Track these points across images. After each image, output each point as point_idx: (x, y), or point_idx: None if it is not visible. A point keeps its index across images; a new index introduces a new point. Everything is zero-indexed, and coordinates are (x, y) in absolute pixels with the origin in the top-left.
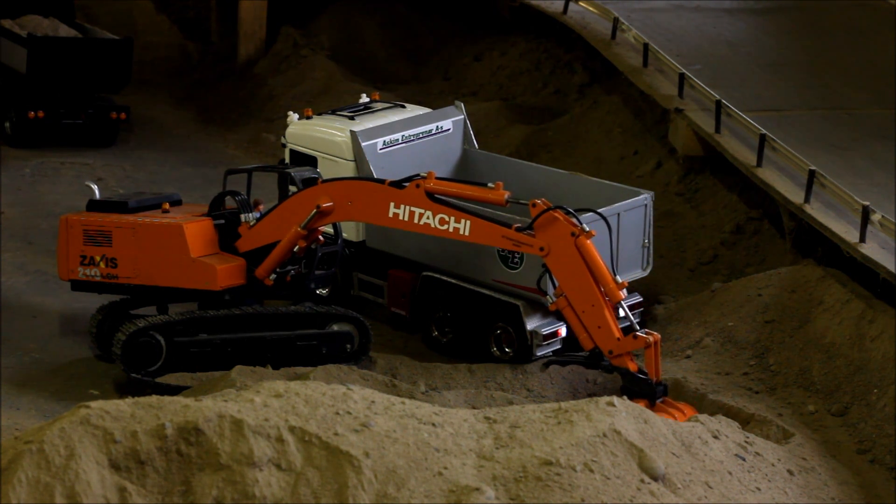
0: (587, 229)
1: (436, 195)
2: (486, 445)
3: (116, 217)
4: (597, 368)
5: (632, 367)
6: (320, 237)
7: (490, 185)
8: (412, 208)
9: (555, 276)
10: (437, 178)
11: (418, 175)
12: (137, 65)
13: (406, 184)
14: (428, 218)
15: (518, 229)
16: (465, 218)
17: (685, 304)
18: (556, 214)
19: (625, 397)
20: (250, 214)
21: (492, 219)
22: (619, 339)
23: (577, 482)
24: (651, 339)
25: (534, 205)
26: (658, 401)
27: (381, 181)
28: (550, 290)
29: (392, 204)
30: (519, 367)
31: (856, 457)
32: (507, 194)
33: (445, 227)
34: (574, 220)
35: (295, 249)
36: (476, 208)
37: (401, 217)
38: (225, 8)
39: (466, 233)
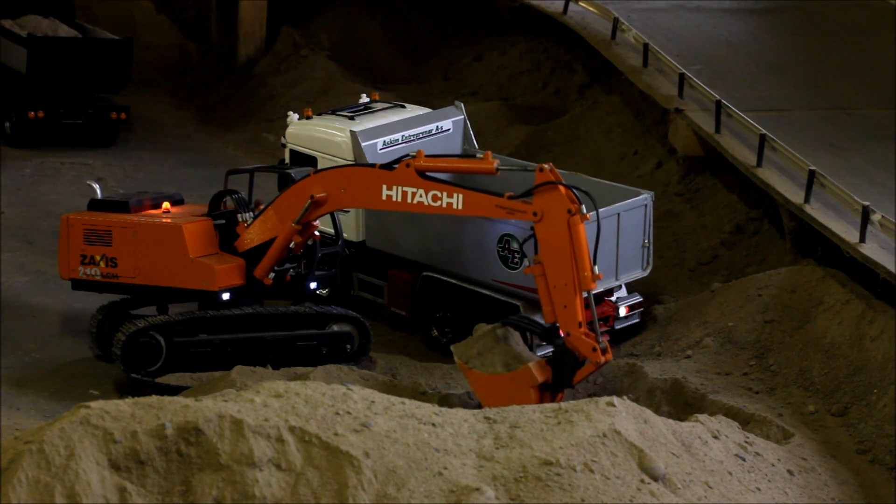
0: (585, 212)
1: (426, 172)
2: (486, 445)
3: (117, 216)
4: (549, 343)
5: (581, 354)
6: (316, 233)
7: (479, 154)
8: (404, 188)
9: (539, 245)
10: (427, 156)
11: (407, 155)
12: (137, 65)
13: (396, 165)
14: (421, 196)
15: (511, 197)
16: (457, 192)
17: (685, 304)
18: (560, 188)
19: (625, 397)
20: (248, 214)
21: (484, 190)
22: (580, 324)
23: (577, 482)
24: (602, 360)
25: (541, 169)
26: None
27: (372, 165)
28: (530, 255)
29: (384, 186)
30: None
31: (856, 457)
32: (496, 162)
33: (439, 203)
34: (575, 199)
35: (291, 246)
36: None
37: (394, 198)
38: (225, 8)
39: (460, 206)
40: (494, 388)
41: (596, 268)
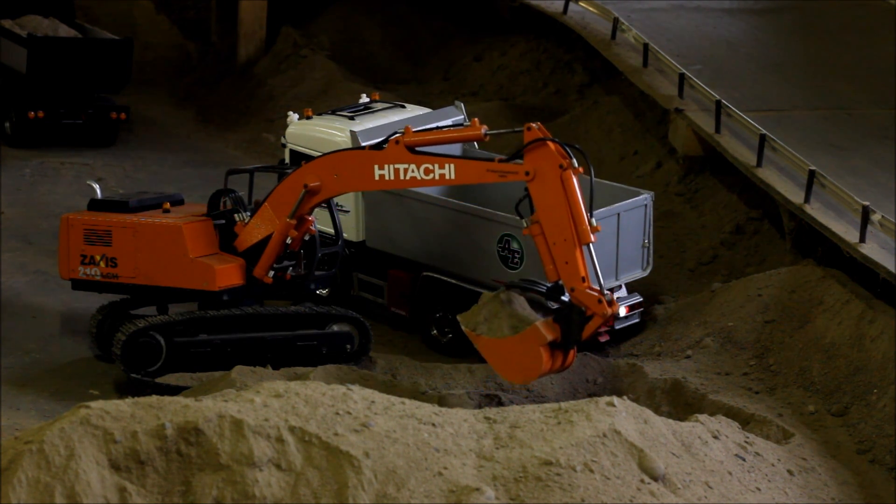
0: (576, 165)
1: (416, 147)
2: (486, 445)
3: (117, 217)
4: (555, 301)
5: (588, 310)
6: (312, 228)
7: (466, 122)
8: (396, 165)
9: (534, 204)
10: (415, 131)
11: (395, 133)
12: (137, 65)
13: (385, 145)
14: (413, 171)
15: (501, 160)
16: (449, 162)
17: (685, 304)
18: (549, 143)
19: (625, 397)
20: (245, 213)
21: (475, 157)
22: (584, 278)
23: (577, 482)
24: (609, 311)
25: (528, 128)
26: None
27: (361, 147)
28: (527, 216)
29: (376, 166)
30: None
31: (856, 457)
32: (484, 128)
33: (431, 175)
34: (565, 154)
35: (288, 241)
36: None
37: (387, 177)
38: (225, 8)
39: (452, 176)
40: (504, 352)
41: (594, 220)
